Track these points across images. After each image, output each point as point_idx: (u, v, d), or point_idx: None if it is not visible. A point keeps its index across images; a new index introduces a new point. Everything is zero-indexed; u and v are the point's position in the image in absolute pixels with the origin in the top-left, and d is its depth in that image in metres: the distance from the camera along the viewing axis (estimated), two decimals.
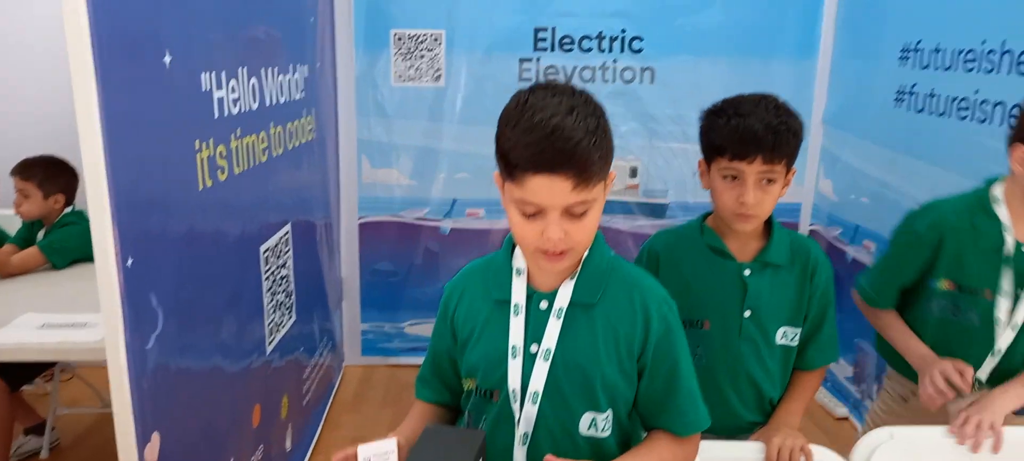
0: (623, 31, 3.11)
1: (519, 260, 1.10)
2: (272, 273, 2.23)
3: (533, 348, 1.06)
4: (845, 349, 3.00)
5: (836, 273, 3.05)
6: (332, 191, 3.14)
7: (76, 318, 1.99)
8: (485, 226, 3.35)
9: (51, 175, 2.56)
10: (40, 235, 2.59)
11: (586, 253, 1.08)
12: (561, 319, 1.05)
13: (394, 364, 3.51)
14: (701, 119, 1.41)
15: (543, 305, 1.07)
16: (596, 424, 1.08)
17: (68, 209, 2.63)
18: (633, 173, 3.26)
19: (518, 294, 1.08)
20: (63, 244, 2.52)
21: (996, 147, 2.12)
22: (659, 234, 1.50)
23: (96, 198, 1.32)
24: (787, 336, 1.43)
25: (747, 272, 1.40)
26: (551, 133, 0.92)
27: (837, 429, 2.94)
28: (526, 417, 1.06)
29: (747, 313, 1.40)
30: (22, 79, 3.24)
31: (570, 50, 3.13)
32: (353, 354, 3.49)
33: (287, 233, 2.38)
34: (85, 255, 2.59)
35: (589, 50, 3.12)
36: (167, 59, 1.51)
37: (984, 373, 1.51)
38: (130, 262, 1.39)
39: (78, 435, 2.82)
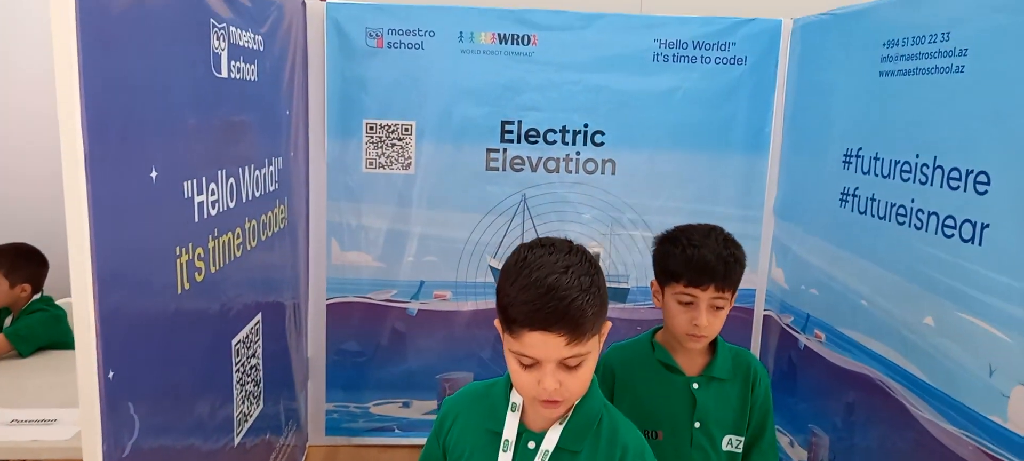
0: (586, 125, 3.26)
1: (516, 395, 1.17)
2: (242, 364, 2.27)
3: None
4: (799, 431, 3.11)
5: (788, 359, 3.20)
6: (302, 273, 3.20)
7: (45, 413, 2.00)
8: (452, 308, 3.43)
9: (17, 264, 2.58)
10: (7, 322, 2.59)
11: (578, 400, 1.14)
12: None
13: (358, 444, 3.52)
14: (654, 244, 1.53)
15: (531, 445, 1.14)
16: None
17: (35, 296, 2.65)
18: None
19: (509, 430, 1.15)
20: (30, 332, 2.54)
21: (932, 254, 2.28)
22: (613, 349, 1.61)
23: (82, 316, 1.37)
24: (732, 443, 1.55)
25: (695, 386, 1.52)
26: (546, 292, 0.99)
27: None
28: None
29: (697, 424, 1.52)
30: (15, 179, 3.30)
31: (535, 142, 3.27)
32: (317, 434, 3.50)
33: (258, 322, 2.43)
34: (51, 342, 2.60)
35: (553, 142, 3.27)
36: (153, 174, 1.59)
37: None
38: (111, 375, 1.44)
39: None
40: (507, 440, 1.15)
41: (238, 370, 2.22)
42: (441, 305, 3.43)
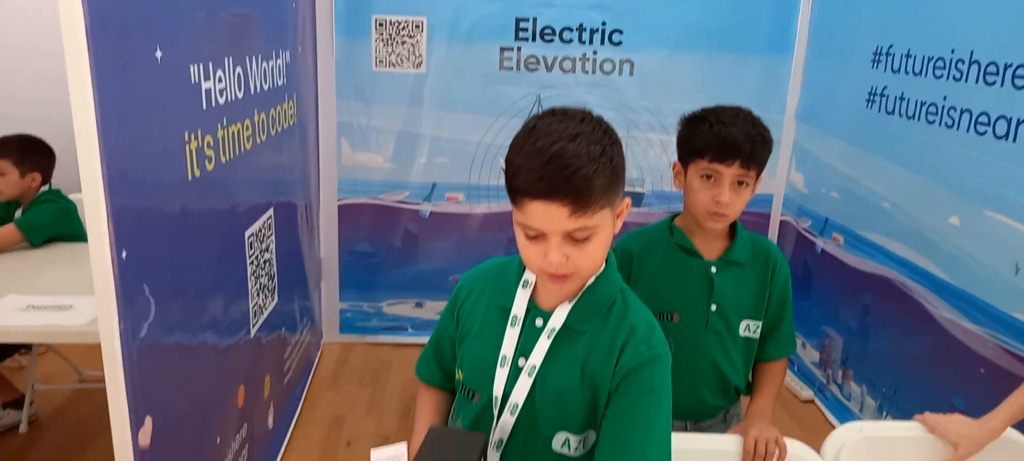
0: (603, 24, 3.15)
1: (529, 273, 1.13)
2: (256, 257, 2.26)
3: (521, 362, 1.11)
4: (812, 335, 3.12)
5: (805, 263, 3.17)
6: (312, 174, 3.17)
7: (60, 300, 2.00)
8: (464, 210, 3.40)
9: (27, 154, 2.55)
10: (17, 214, 2.58)
11: (592, 280, 1.11)
12: (551, 340, 1.10)
13: (372, 342, 3.56)
14: (680, 126, 1.48)
15: (538, 322, 1.11)
16: (569, 444, 1.11)
17: (44, 188, 2.62)
18: None
19: (519, 306, 1.13)
20: (40, 222, 2.52)
21: (961, 153, 2.22)
22: (631, 234, 1.57)
23: (91, 192, 1.34)
24: (749, 328, 1.54)
25: (714, 269, 1.50)
26: (548, 160, 0.94)
27: (803, 412, 3.06)
28: (503, 425, 1.11)
29: (713, 307, 1.50)
30: (18, 77, 3.23)
31: (551, 41, 3.17)
32: (331, 331, 3.54)
33: (270, 217, 2.40)
34: (61, 234, 2.59)
35: (569, 41, 3.17)
36: (158, 54, 1.53)
37: None
38: (124, 255, 1.42)
39: (56, 409, 2.84)
40: (515, 316, 1.13)
41: (252, 262, 2.21)
42: (453, 207, 3.40)
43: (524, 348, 1.11)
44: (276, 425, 2.60)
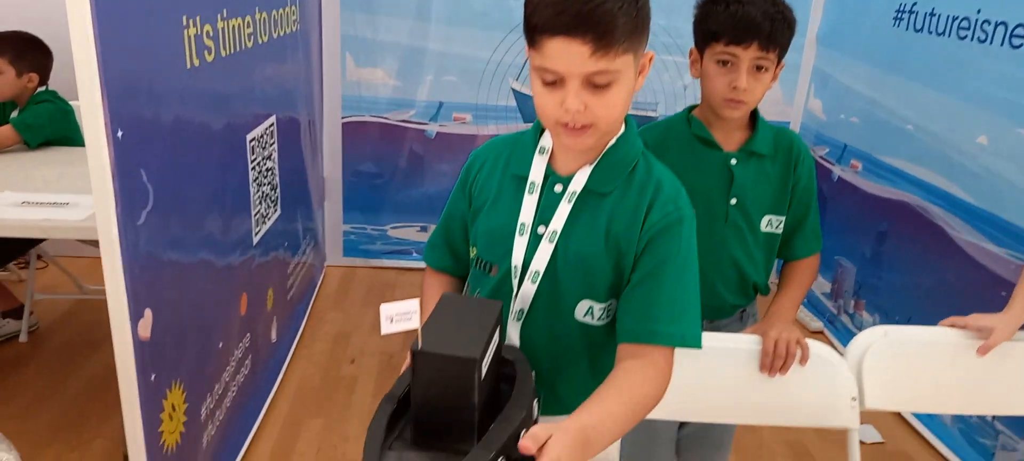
0: None
1: (546, 139, 1.07)
2: (258, 164, 2.19)
3: (540, 229, 1.05)
4: (824, 266, 3.06)
5: (821, 192, 3.09)
6: (316, 88, 3.07)
7: (57, 198, 1.94)
8: (471, 131, 3.32)
9: (23, 52, 2.45)
10: (13, 115, 2.50)
11: (613, 141, 1.04)
12: (572, 204, 1.04)
13: (376, 266, 3.51)
14: (697, 8, 1.39)
15: (557, 188, 1.05)
16: (592, 312, 1.06)
17: (42, 88, 2.54)
18: None
19: (536, 173, 1.06)
20: (37, 122, 2.44)
21: (994, 68, 2.12)
22: (646, 127, 1.49)
23: (85, 70, 1.27)
24: (771, 224, 1.46)
25: (733, 161, 1.42)
26: None
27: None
28: (523, 295, 1.05)
29: (733, 200, 1.42)
30: None
31: None
32: (335, 254, 3.48)
33: (272, 125, 2.33)
34: (58, 136, 2.51)
35: None
36: None
37: None
38: (120, 134, 1.35)
39: (56, 320, 2.80)
40: (533, 183, 1.06)
41: (254, 169, 2.14)
42: (460, 128, 3.31)
43: (543, 215, 1.05)
44: (280, 339, 2.57)
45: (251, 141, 2.11)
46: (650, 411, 0.96)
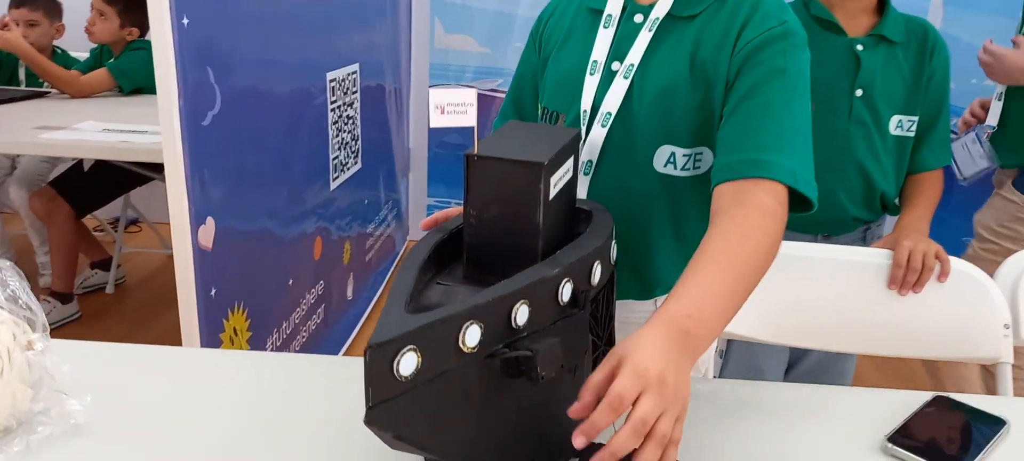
0: None
1: None
2: (338, 108, 2.12)
3: (615, 65, 0.89)
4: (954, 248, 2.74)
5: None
6: (403, 56, 3.01)
7: (136, 126, 1.93)
8: None
9: (131, 7, 2.49)
10: (109, 61, 2.54)
11: None
12: (652, 32, 0.88)
13: None
14: None
15: (637, 18, 0.89)
16: (675, 160, 0.88)
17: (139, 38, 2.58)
18: None
19: (613, 4, 0.91)
20: (131, 67, 2.47)
21: None
22: None
23: None
24: (903, 125, 1.25)
25: (859, 47, 1.22)
26: None
27: None
28: (592, 142, 0.90)
29: (858, 93, 1.22)
30: None
31: None
32: (417, 228, 3.40)
33: (355, 72, 2.26)
34: (150, 84, 2.52)
35: None
36: None
37: None
38: (185, 21, 1.29)
39: (143, 277, 2.83)
40: (609, 15, 0.91)
41: (334, 110, 2.08)
42: None
43: (619, 50, 0.90)
44: (356, 297, 2.49)
45: (331, 81, 2.05)
46: (763, 273, 0.74)
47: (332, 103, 2.06)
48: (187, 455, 0.69)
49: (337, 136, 2.14)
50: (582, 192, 0.90)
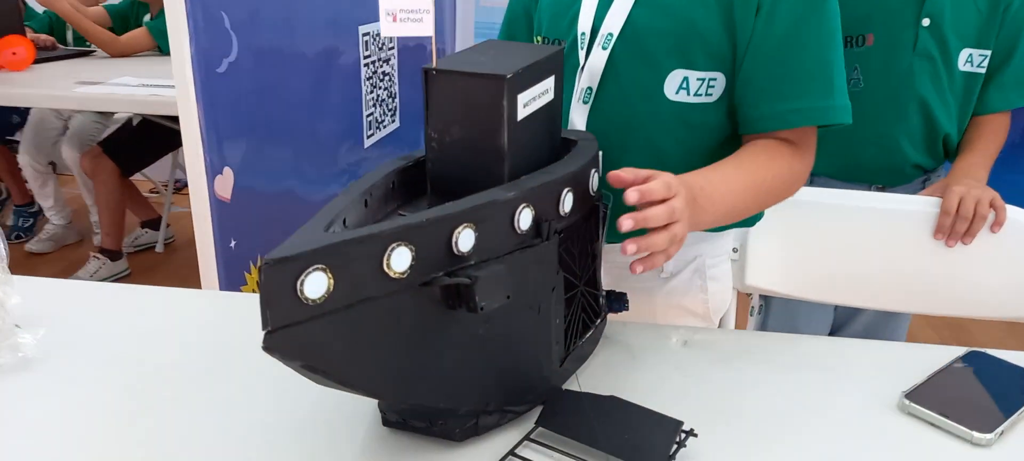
0: None
1: None
2: (373, 63, 2.08)
3: None
4: None
5: None
6: (447, 9, 2.95)
7: (165, 82, 1.93)
8: None
9: None
10: (147, 19, 2.56)
11: None
12: None
13: None
14: None
15: None
16: (688, 85, 0.79)
17: None
18: None
19: None
20: None
21: None
22: None
23: None
24: (972, 61, 1.11)
25: None
26: None
27: None
28: (591, 67, 0.81)
29: (925, 21, 1.09)
30: None
31: None
32: None
33: None
34: None
35: None
36: None
37: None
38: None
39: (191, 236, 2.86)
40: None
41: (367, 66, 2.04)
42: None
43: None
44: None
45: (365, 35, 2.01)
46: (776, 200, 0.78)
47: (366, 58, 2.02)
48: (134, 390, 0.66)
49: (371, 92, 2.10)
50: (581, 123, 0.83)
